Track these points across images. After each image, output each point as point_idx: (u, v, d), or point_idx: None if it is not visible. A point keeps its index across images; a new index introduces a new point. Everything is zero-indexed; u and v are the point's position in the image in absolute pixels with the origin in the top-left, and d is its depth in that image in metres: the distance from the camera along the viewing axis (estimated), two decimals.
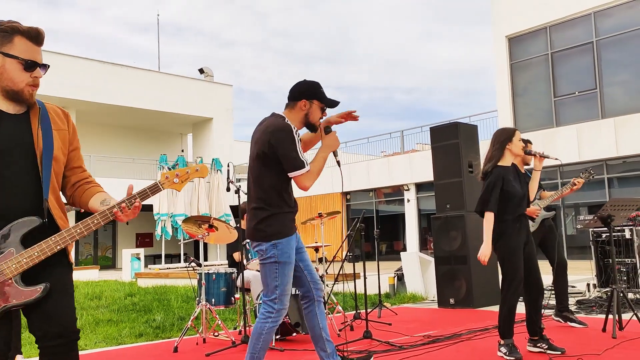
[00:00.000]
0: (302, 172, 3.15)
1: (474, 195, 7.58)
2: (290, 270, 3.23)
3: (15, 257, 2.09)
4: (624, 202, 5.15)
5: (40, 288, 2.11)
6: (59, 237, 2.16)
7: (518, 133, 4.46)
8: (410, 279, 8.86)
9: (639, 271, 7.04)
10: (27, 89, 2.20)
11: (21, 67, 2.18)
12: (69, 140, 2.36)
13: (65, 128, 2.35)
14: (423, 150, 21.94)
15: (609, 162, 15.88)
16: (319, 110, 3.32)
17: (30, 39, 2.19)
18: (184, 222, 5.53)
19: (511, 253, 4.26)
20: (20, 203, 2.15)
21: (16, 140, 2.18)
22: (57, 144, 2.27)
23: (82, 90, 22.45)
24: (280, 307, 3.21)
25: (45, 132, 2.25)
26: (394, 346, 4.79)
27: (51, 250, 2.14)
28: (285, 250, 3.21)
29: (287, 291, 3.23)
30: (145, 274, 14.00)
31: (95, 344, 5.58)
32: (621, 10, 16.09)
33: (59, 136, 2.30)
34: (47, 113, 2.30)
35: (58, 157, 2.27)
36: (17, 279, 2.09)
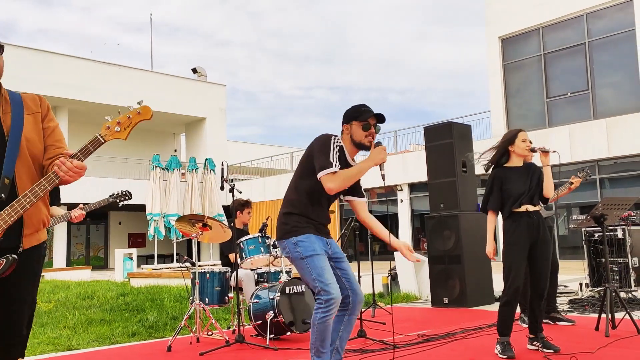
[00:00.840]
0: (327, 172, 3.22)
1: (467, 195, 7.61)
2: (320, 260, 3.24)
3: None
4: (616, 201, 5.18)
5: (4, 260, 2.13)
6: (11, 209, 2.17)
7: (522, 134, 4.44)
8: (403, 279, 8.87)
9: (631, 270, 7.08)
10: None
11: None
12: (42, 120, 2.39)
13: (37, 111, 2.39)
14: (416, 150, 21.99)
15: (601, 163, 15.97)
16: (361, 128, 3.39)
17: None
18: (178, 221, 5.51)
19: (509, 251, 4.31)
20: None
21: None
22: (29, 126, 2.31)
23: (75, 89, 22.35)
24: (328, 297, 3.17)
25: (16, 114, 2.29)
26: (388, 345, 4.80)
27: (5, 222, 2.16)
28: (308, 244, 3.27)
29: (327, 280, 3.19)
30: (137, 274, 13.95)
31: (88, 343, 5.55)
32: (613, 11, 16.19)
33: (32, 118, 2.34)
34: (21, 99, 2.36)
35: (30, 137, 2.30)
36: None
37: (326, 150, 3.27)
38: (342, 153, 3.39)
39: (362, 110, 3.41)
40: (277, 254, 5.65)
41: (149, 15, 58.26)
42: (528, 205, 4.35)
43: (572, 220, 7.21)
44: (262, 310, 5.27)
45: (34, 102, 2.41)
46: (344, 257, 3.45)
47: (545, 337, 4.36)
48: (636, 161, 15.37)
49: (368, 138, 3.38)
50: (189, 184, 22.62)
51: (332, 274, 3.25)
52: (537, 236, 4.34)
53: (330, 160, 3.24)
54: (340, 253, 3.43)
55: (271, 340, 5.11)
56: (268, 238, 5.71)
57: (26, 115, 2.33)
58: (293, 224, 3.32)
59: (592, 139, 15.75)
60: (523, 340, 4.66)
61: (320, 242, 3.33)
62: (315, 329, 3.22)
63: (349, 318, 3.37)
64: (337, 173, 3.23)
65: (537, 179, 4.43)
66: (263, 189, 24.36)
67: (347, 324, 3.38)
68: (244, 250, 5.64)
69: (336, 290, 3.20)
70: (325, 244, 3.37)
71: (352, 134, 3.41)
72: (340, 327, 3.39)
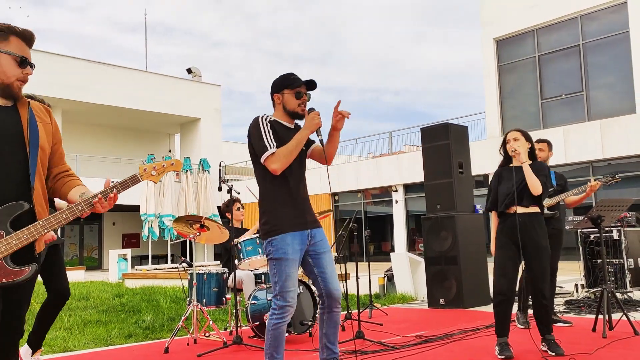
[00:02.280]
0: (266, 155, 3.22)
1: (464, 196, 7.63)
2: (288, 266, 3.20)
3: (5, 239, 2.20)
4: (613, 202, 5.20)
5: (29, 268, 2.24)
6: (47, 222, 2.28)
7: (508, 135, 4.50)
8: (400, 280, 8.87)
9: (626, 271, 7.11)
10: (16, 83, 2.39)
11: (15, 63, 2.38)
12: (52, 133, 2.53)
13: (48, 122, 2.52)
14: (411, 151, 22.02)
15: (595, 164, 16.03)
16: (293, 97, 3.34)
17: (23, 40, 2.43)
18: (175, 222, 5.49)
19: (495, 252, 4.38)
20: (8, 189, 2.29)
21: (6, 130, 2.34)
22: (42, 134, 2.44)
23: (69, 89, 22.25)
24: (283, 304, 3.19)
25: (32, 123, 2.42)
26: (386, 346, 4.79)
27: (39, 233, 2.27)
28: (280, 246, 3.22)
29: (287, 287, 3.19)
30: (132, 275, 13.89)
31: (84, 344, 5.52)
32: (607, 13, 16.27)
33: (44, 128, 2.47)
34: (32, 109, 2.48)
35: (44, 147, 2.43)
36: (7, 260, 2.21)
37: (258, 134, 3.26)
38: (277, 126, 3.33)
39: (292, 79, 3.36)
40: None
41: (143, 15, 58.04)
42: (516, 206, 4.33)
43: (567, 222, 7.22)
44: (259, 311, 5.25)
45: (43, 112, 2.53)
46: (326, 252, 3.35)
47: (554, 339, 4.31)
48: (630, 162, 15.45)
49: (301, 107, 3.35)
50: (183, 184, 22.56)
51: (294, 281, 3.23)
52: (524, 238, 4.26)
53: (264, 142, 3.22)
54: (321, 247, 3.34)
55: None
56: None
57: (39, 123, 2.45)
58: (270, 224, 3.27)
59: (586, 141, 15.81)
60: (523, 341, 4.67)
61: (296, 240, 3.24)
62: (270, 335, 3.22)
63: (328, 315, 3.36)
64: (275, 153, 3.21)
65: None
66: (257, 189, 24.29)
67: (328, 321, 3.37)
68: (242, 252, 5.62)
69: (293, 299, 3.21)
70: (302, 240, 3.27)
71: (284, 103, 3.37)
72: (323, 324, 3.38)
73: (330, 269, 3.34)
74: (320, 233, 3.37)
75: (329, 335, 3.38)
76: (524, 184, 4.31)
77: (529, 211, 4.33)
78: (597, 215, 5.09)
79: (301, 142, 3.26)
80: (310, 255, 3.32)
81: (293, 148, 3.23)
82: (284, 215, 3.26)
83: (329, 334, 3.38)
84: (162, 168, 2.59)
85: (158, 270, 17.17)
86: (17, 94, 2.40)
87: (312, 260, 3.32)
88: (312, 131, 3.26)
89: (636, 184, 15.37)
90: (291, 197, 3.30)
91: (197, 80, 27.64)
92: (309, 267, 3.35)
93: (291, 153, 3.22)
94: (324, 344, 3.39)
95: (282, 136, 3.29)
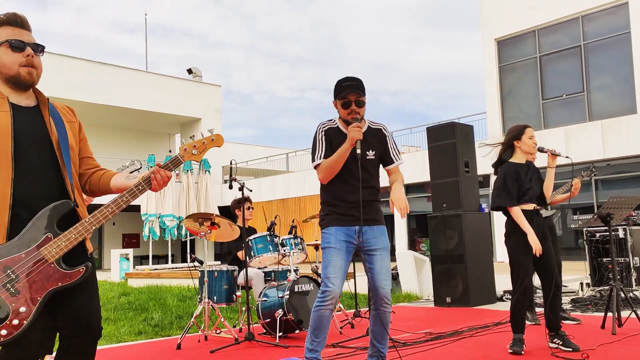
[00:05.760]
0: (313, 166, 3.47)
1: (470, 194, 7.66)
2: (329, 254, 3.35)
3: (55, 242, 2.13)
4: (622, 201, 5.24)
5: (83, 268, 2.16)
6: (93, 218, 2.21)
7: (529, 130, 4.45)
8: (405, 279, 8.91)
9: (632, 270, 7.15)
10: (22, 70, 2.26)
11: (9, 50, 2.25)
12: (77, 131, 2.46)
13: (74, 120, 2.45)
14: (410, 152, 22.05)
15: (596, 165, 16.07)
16: (341, 106, 3.45)
17: (13, 25, 2.28)
18: (186, 219, 5.51)
19: (516, 250, 4.32)
20: (44, 190, 2.20)
21: (31, 131, 2.24)
22: (69, 133, 2.36)
23: (69, 89, 22.24)
24: (324, 288, 3.33)
25: (58, 122, 2.33)
26: (398, 342, 4.83)
27: (87, 231, 2.19)
28: (326, 237, 3.40)
29: (328, 274, 3.32)
30: (135, 274, 13.90)
31: None
32: (608, 14, 16.33)
33: (69, 127, 2.39)
34: (55, 108, 2.40)
35: (72, 146, 2.36)
36: (59, 262, 2.13)
37: (314, 142, 3.48)
38: (333, 134, 3.43)
39: (342, 86, 3.42)
40: (285, 252, 5.67)
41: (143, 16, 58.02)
42: (535, 204, 4.38)
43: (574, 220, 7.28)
44: (270, 308, 5.28)
45: (67, 112, 2.47)
46: (378, 249, 3.39)
47: (567, 334, 4.35)
48: (630, 163, 15.51)
49: (351, 115, 3.41)
50: (184, 184, 22.55)
51: (338, 269, 3.31)
52: (544, 234, 4.36)
53: (315, 152, 3.44)
54: (374, 244, 3.40)
55: (280, 338, 5.13)
56: (276, 237, 5.72)
57: (64, 122, 2.38)
58: (322, 216, 3.49)
59: (587, 141, 15.87)
60: (534, 337, 4.71)
61: (342, 234, 3.37)
62: (312, 316, 3.38)
63: (375, 313, 3.42)
64: (320, 165, 3.40)
65: (538, 179, 4.45)
66: (259, 189, 24.33)
67: (375, 319, 3.43)
68: (253, 249, 5.65)
69: (334, 285, 3.30)
70: (349, 234, 3.38)
71: (338, 112, 3.51)
72: (371, 320, 3.48)
73: (379, 266, 3.38)
74: (374, 231, 3.43)
75: (375, 332, 3.47)
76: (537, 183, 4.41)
77: (541, 208, 4.42)
78: (607, 213, 5.13)
79: (341, 156, 3.34)
80: (363, 251, 3.42)
81: (333, 162, 3.36)
82: (332, 212, 3.44)
83: (375, 331, 3.46)
84: (202, 145, 2.46)
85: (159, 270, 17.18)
86: (27, 80, 2.28)
87: (365, 256, 3.42)
88: (351, 145, 3.29)
89: (637, 184, 15.43)
90: (338, 200, 3.44)
91: (198, 80, 27.65)
92: (363, 263, 3.45)
93: (331, 166, 3.36)
94: (371, 340, 3.49)
95: (335, 144, 3.43)
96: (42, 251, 2.11)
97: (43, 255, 2.10)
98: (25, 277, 2.08)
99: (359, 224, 3.37)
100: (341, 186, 3.43)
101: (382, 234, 3.45)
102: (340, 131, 3.47)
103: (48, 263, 2.11)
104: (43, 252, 2.11)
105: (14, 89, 2.29)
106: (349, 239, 3.39)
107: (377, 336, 3.45)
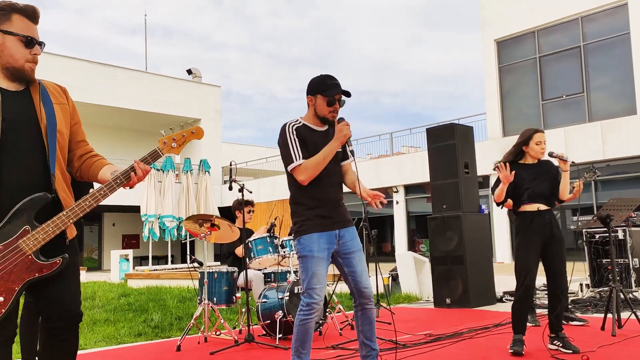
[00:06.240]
0: (293, 167, 3.26)
1: (469, 195, 7.66)
2: (314, 264, 3.24)
3: (32, 234, 2.19)
4: (622, 202, 5.24)
5: (60, 260, 2.23)
6: (71, 211, 2.25)
7: (537, 136, 4.45)
8: (404, 279, 8.91)
9: (631, 271, 7.15)
10: (27, 65, 2.28)
11: (21, 44, 2.25)
12: (70, 113, 2.43)
13: (65, 102, 2.43)
14: (409, 152, 22.07)
15: (596, 165, 16.06)
16: (325, 103, 3.35)
17: (27, 17, 2.28)
18: (186, 221, 5.51)
19: (520, 250, 4.33)
20: (28, 178, 2.22)
21: (20, 116, 2.24)
22: (59, 117, 2.34)
23: (69, 90, 22.04)
24: (310, 301, 3.23)
25: (47, 106, 2.31)
26: (398, 344, 4.82)
27: (64, 224, 2.24)
28: (306, 244, 3.26)
29: (312, 285, 3.23)
30: (135, 275, 13.90)
31: (95, 343, 5.54)
32: (607, 15, 16.34)
33: (60, 110, 2.37)
34: (46, 89, 2.37)
35: (62, 131, 2.34)
36: (37, 254, 2.20)
37: (284, 143, 3.29)
38: (304, 131, 3.34)
39: (329, 84, 3.35)
40: (285, 253, 5.66)
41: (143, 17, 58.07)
42: (540, 204, 4.38)
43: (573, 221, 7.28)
44: (270, 310, 5.28)
45: (58, 92, 2.44)
46: (356, 251, 3.37)
47: (567, 337, 4.36)
48: (630, 164, 15.51)
49: (332, 113, 3.36)
50: (183, 185, 22.57)
51: (322, 279, 3.26)
52: (549, 235, 4.35)
53: (290, 152, 3.26)
54: (351, 246, 3.36)
55: (280, 339, 5.13)
56: (276, 238, 5.72)
57: (54, 105, 2.36)
58: (299, 224, 3.32)
59: (587, 142, 15.87)
60: (533, 339, 4.71)
61: (323, 240, 3.27)
62: (297, 330, 3.29)
63: (362, 313, 3.39)
64: (302, 165, 3.24)
65: (553, 179, 4.44)
66: (258, 190, 24.33)
67: (362, 319, 3.40)
68: (252, 250, 5.65)
69: (319, 296, 3.24)
70: (330, 240, 3.30)
71: (315, 107, 3.38)
72: (358, 322, 3.43)
73: (360, 268, 3.36)
74: (349, 232, 3.38)
75: (365, 332, 3.42)
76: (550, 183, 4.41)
77: (549, 208, 4.41)
78: (607, 214, 5.13)
79: (329, 154, 3.28)
80: (340, 254, 3.35)
81: (321, 160, 3.25)
82: (311, 217, 3.30)
83: (365, 330, 3.42)
84: (182, 138, 2.47)
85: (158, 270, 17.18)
86: (29, 76, 2.29)
87: (342, 260, 3.35)
88: (341, 143, 3.28)
89: (637, 185, 15.44)
90: (320, 201, 3.32)
91: (197, 81, 27.66)
92: (340, 267, 3.38)
93: (318, 165, 3.25)
94: (362, 341, 3.43)
95: (309, 141, 3.32)
96: (20, 244, 2.17)
97: (21, 248, 2.17)
98: (3, 268, 2.15)
99: (337, 227, 3.33)
100: (319, 186, 3.31)
101: (356, 235, 3.43)
102: (311, 129, 3.38)
103: (26, 255, 2.18)
104: (21, 245, 2.17)
105: (8, 77, 2.29)
106: (330, 245, 3.30)
107: (368, 334, 3.42)
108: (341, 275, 3.43)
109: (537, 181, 4.40)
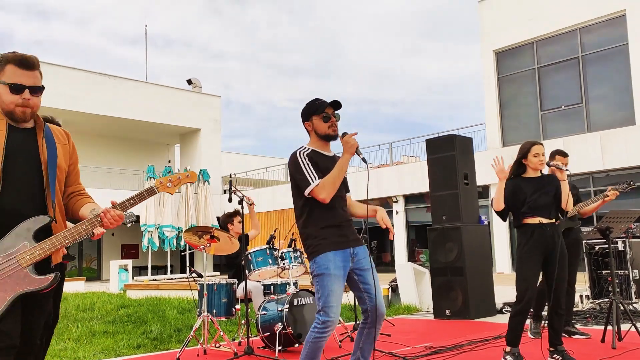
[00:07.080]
0: (311, 189, 3.30)
1: (469, 207, 7.67)
2: (330, 281, 3.24)
3: (29, 250, 2.36)
4: (622, 214, 5.24)
5: (51, 276, 2.39)
6: (68, 233, 2.44)
7: (535, 149, 4.46)
8: (404, 290, 8.89)
9: (631, 282, 7.14)
10: (17, 109, 2.48)
11: (7, 91, 2.47)
12: (69, 153, 2.70)
13: (66, 143, 2.70)
14: (409, 162, 22.09)
15: (595, 176, 16.11)
16: (322, 121, 3.44)
17: (18, 65, 2.48)
18: (186, 233, 5.51)
19: (521, 263, 4.31)
20: (28, 202, 2.45)
21: (23, 148, 2.50)
22: (60, 155, 2.61)
23: (69, 99, 22.29)
24: (326, 319, 3.21)
25: (50, 143, 2.58)
26: (397, 357, 4.81)
27: (60, 244, 2.42)
28: (322, 263, 3.27)
29: (329, 303, 3.22)
30: (134, 286, 13.86)
31: (93, 355, 5.53)
32: (606, 26, 16.42)
33: (61, 149, 2.64)
34: (51, 130, 2.66)
35: (61, 166, 2.60)
36: (31, 269, 2.37)
37: (299, 169, 3.35)
38: (316, 156, 3.41)
39: (317, 104, 3.47)
40: (285, 265, 5.66)
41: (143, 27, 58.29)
42: (541, 217, 4.37)
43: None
44: (270, 322, 5.27)
45: (62, 134, 2.70)
46: (370, 269, 3.40)
47: (566, 350, 4.34)
48: (629, 174, 15.52)
49: (332, 128, 3.44)
50: (183, 195, 22.54)
51: (339, 297, 3.26)
52: (551, 249, 4.33)
53: (306, 177, 3.31)
54: (365, 264, 3.39)
55: (279, 352, 5.11)
56: (276, 250, 5.72)
57: (57, 144, 2.61)
58: (313, 245, 3.33)
59: (586, 152, 15.89)
60: (532, 352, 4.69)
61: (339, 258, 3.29)
62: (308, 346, 3.28)
63: (369, 331, 3.38)
64: (320, 184, 3.29)
65: (555, 191, 4.45)
66: (258, 200, 24.33)
67: (367, 336, 3.39)
68: (252, 262, 5.64)
69: (335, 314, 3.24)
70: (345, 258, 3.32)
71: (315, 129, 3.47)
72: (360, 338, 3.41)
73: (376, 285, 3.38)
74: (362, 251, 3.42)
75: (364, 350, 3.42)
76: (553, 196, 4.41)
77: (553, 222, 4.39)
78: (606, 226, 5.13)
79: (344, 168, 3.33)
80: (356, 272, 3.37)
81: (337, 176, 3.31)
82: (326, 236, 3.32)
83: (365, 349, 3.42)
84: (177, 180, 2.74)
85: (157, 280, 17.13)
86: (21, 119, 2.50)
87: (357, 277, 3.36)
88: (352, 154, 3.32)
89: (637, 195, 15.44)
90: (333, 219, 3.36)
91: (197, 91, 27.71)
92: (355, 284, 3.38)
93: (335, 181, 3.30)
94: (358, 358, 3.42)
95: (322, 166, 3.37)
96: (17, 257, 2.35)
97: (17, 260, 2.34)
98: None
99: (352, 245, 3.36)
100: (331, 209, 3.36)
101: (368, 254, 3.47)
102: (320, 153, 3.45)
103: (21, 268, 2.34)
104: (18, 258, 2.35)
105: (12, 118, 2.53)
106: (345, 263, 3.32)
107: (365, 354, 3.42)
108: (355, 293, 3.42)
109: (539, 194, 4.39)
